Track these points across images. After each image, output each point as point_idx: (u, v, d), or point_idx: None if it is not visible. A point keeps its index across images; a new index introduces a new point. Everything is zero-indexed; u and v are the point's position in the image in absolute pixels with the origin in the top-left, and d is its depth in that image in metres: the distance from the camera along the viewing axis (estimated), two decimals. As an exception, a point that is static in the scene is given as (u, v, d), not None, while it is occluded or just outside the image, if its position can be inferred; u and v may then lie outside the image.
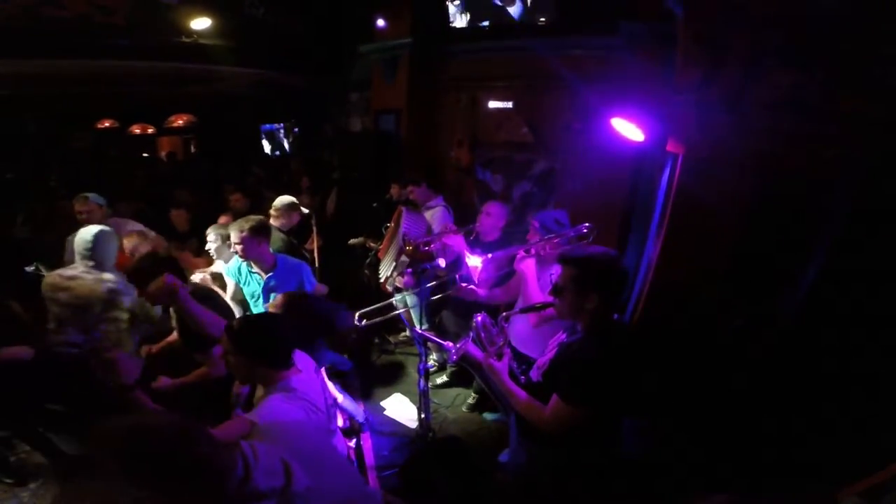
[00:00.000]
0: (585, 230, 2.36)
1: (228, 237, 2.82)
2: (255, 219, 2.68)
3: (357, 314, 2.50)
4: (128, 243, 2.97)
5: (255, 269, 2.72)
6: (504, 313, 1.81)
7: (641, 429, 2.43)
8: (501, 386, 1.70)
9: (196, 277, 3.10)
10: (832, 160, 2.14)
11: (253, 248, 2.61)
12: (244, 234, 2.57)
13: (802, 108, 2.19)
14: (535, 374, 1.76)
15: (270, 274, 2.70)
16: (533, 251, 2.40)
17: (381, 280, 3.41)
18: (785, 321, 2.34)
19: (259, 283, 2.72)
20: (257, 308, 2.75)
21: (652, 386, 2.19)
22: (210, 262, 3.28)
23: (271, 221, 3.42)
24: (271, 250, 2.79)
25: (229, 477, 1.02)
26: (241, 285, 2.83)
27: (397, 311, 2.97)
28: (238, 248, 2.62)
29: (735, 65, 2.36)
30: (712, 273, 2.49)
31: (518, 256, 2.42)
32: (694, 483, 2.18)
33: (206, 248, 3.17)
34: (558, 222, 2.49)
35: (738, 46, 2.34)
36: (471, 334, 1.82)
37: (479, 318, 1.78)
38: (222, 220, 3.63)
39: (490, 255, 2.43)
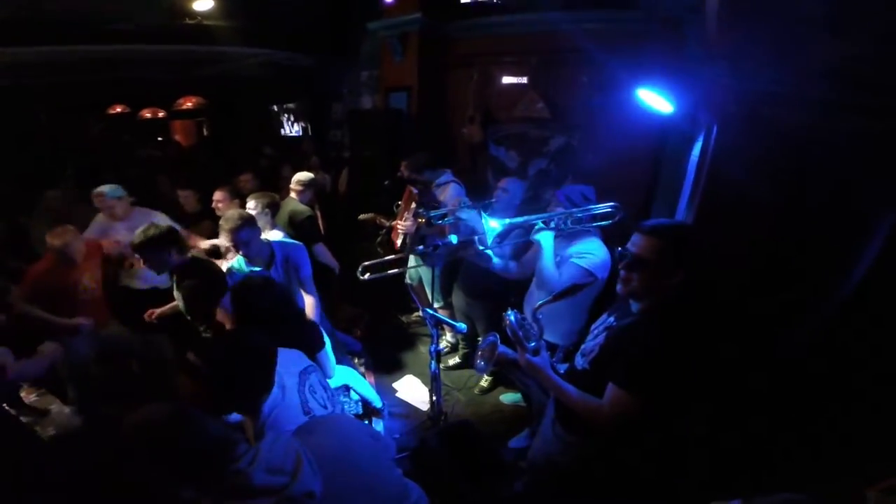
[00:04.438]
0: (611, 209, 2.23)
1: (268, 205, 3.12)
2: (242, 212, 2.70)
3: (361, 266, 2.53)
4: None
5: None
6: (537, 305, 1.70)
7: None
8: (547, 382, 1.57)
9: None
10: (885, 136, 1.92)
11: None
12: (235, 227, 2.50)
13: (850, 80, 1.97)
14: (580, 362, 1.64)
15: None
16: (553, 224, 2.29)
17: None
18: (826, 313, 2.16)
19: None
20: None
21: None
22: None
23: (292, 195, 3.74)
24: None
25: (226, 463, 0.98)
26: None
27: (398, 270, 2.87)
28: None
29: (773, 33, 2.16)
30: (747, 255, 2.31)
31: (536, 228, 2.31)
32: (714, 479, 2.07)
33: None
34: (585, 197, 2.36)
35: (775, 14, 2.14)
36: (492, 336, 1.73)
37: (512, 317, 1.63)
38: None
39: (509, 221, 2.33)
